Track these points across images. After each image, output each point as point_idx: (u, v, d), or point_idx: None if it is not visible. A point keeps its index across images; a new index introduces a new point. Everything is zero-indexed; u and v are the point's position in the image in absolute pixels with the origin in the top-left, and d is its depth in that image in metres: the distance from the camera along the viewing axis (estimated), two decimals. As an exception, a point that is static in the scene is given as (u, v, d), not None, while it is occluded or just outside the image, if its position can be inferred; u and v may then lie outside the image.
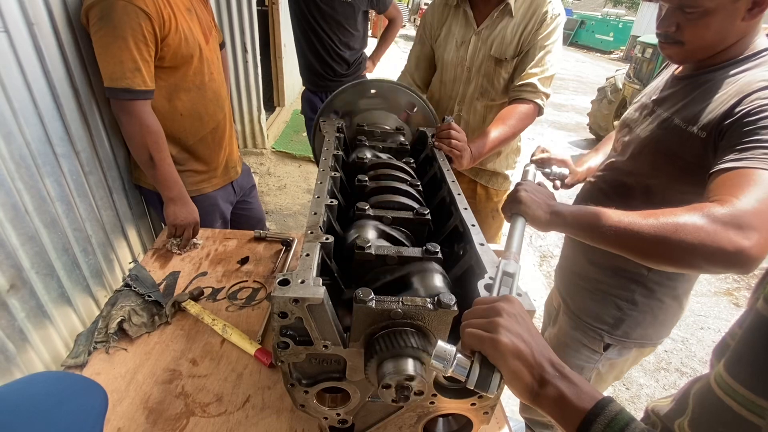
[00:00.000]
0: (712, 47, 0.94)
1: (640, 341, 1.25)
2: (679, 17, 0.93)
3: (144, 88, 1.27)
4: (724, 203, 0.75)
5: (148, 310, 1.19)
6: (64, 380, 0.62)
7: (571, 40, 19.24)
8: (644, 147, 1.07)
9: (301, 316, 0.63)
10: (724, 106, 0.88)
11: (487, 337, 0.55)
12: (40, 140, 1.18)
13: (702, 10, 0.88)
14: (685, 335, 2.80)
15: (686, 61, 1.02)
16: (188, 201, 1.48)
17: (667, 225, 0.77)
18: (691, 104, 0.97)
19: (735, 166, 0.79)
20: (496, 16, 1.49)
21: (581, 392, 0.51)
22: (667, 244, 0.77)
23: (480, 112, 1.66)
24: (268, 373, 1.07)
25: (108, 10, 1.17)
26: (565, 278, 1.38)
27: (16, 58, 1.09)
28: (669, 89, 1.08)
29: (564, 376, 0.53)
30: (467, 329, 0.58)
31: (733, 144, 0.82)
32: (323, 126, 1.30)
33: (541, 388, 0.53)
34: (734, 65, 0.93)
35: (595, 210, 0.88)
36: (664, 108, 1.06)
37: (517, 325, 0.56)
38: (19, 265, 1.10)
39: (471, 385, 0.54)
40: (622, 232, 0.82)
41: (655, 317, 1.20)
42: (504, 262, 0.71)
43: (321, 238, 0.77)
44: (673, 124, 0.99)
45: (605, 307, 1.23)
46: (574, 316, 1.32)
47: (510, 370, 0.54)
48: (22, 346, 1.12)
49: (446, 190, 1.04)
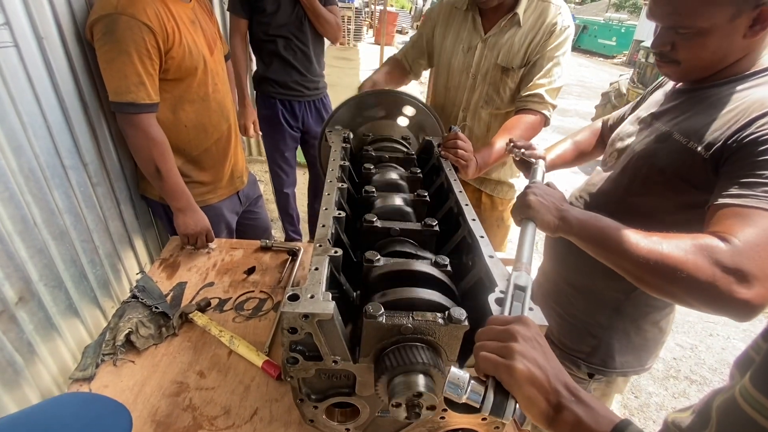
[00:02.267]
0: (711, 66, 0.88)
1: (621, 370, 1.18)
2: (673, 36, 0.87)
3: (149, 102, 1.28)
4: (726, 242, 0.71)
5: (156, 321, 1.19)
6: (92, 402, 0.64)
7: (574, 44, 19.24)
8: (638, 161, 0.99)
9: (311, 331, 0.63)
10: (731, 126, 0.81)
11: (502, 363, 0.54)
12: (49, 153, 1.19)
13: (695, 30, 0.83)
14: (694, 342, 2.77)
15: (685, 79, 0.96)
16: (197, 210, 1.49)
17: (669, 258, 0.73)
18: (693, 118, 0.90)
19: (736, 203, 0.74)
20: (504, 25, 1.49)
21: (598, 416, 0.51)
22: (666, 279, 0.74)
23: (485, 121, 1.66)
24: (275, 386, 1.06)
25: (112, 26, 1.18)
26: (542, 302, 1.31)
27: (25, 71, 1.10)
28: (669, 103, 1.02)
29: (580, 401, 0.52)
30: (481, 353, 0.57)
31: (738, 175, 0.77)
32: (329, 136, 1.31)
33: (557, 414, 0.52)
34: (741, 81, 0.87)
35: (600, 224, 0.85)
36: (663, 121, 0.99)
37: (532, 350, 0.55)
38: (28, 277, 1.10)
39: (486, 411, 0.54)
40: (622, 254, 0.79)
41: (631, 343, 1.14)
42: (515, 275, 0.71)
43: (330, 251, 0.77)
44: (672, 139, 0.92)
45: (580, 334, 1.18)
46: (551, 343, 1.25)
47: (525, 396, 0.53)
48: (30, 359, 1.12)
49: (453, 200, 1.04)
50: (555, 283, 1.24)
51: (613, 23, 17.33)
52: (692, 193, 0.88)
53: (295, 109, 2.38)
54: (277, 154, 2.52)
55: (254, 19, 2.16)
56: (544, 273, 1.34)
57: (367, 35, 15.53)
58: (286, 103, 2.36)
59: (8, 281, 1.05)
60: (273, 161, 2.56)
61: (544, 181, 1.11)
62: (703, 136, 0.85)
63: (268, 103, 2.36)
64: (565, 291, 1.20)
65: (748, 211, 0.72)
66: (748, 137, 0.77)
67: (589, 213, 0.91)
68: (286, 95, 2.34)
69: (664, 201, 0.95)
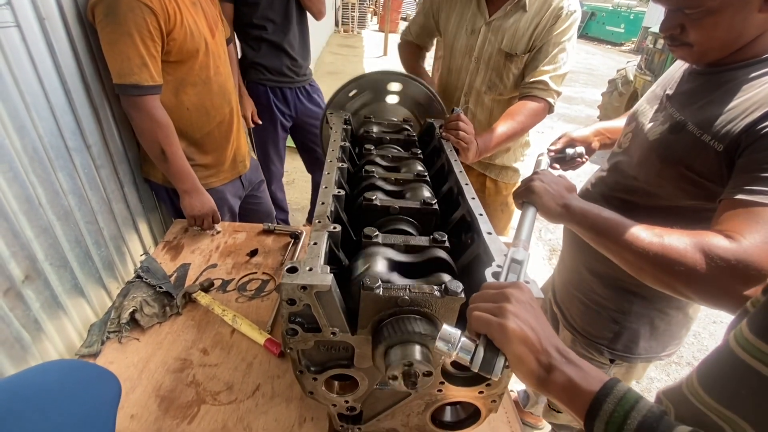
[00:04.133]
0: (728, 46, 0.82)
1: (644, 356, 1.17)
2: (681, 18, 0.82)
3: (152, 83, 1.29)
4: (731, 240, 0.69)
5: (160, 300, 1.21)
6: (77, 369, 0.62)
7: (582, 32, 18.94)
8: (651, 152, 0.96)
9: (309, 302, 0.64)
10: (745, 118, 0.77)
11: (494, 321, 0.55)
12: (52, 134, 1.19)
13: (704, 9, 0.78)
14: (697, 329, 2.77)
15: (701, 61, 0.90)
16: (202, 191, 1.50)
17: (670, 251, 0.73)
18: (708, 107, 0.86)
19: (748, 199, 0.72)
20: (509, 9, 1.46)
21: (588, 375, 0.52)
22: (666, 271, 0.74)
23: (488, 106, 1.64)
24: (277, 363, 1.08)
25: (113, 7, 1.18)
26: (563, 290, 1.32)
27: (28, 52, 1.10)
28: (685, 84, 0.97)
29: (570, 361, 0.54)
30: (474, 312, 0.58)
31: (751, 169, 0.74)
32: (331, 119, 1.31)
33: (548, 374, 0.53)
34: (760, 65, 0.81)
35: (603, 214, 0.85)
36: (677, 107, 0.94)
37: (525, 311, 0.56)
38: (34, 256, 1.12)
39: (475, 367, 0.55)
40: (623, 244, 0.79)
41: (655, 328, 1.13)
42: (513, 250, 0.71)
43: (329, 227, 0.78)
44: (686, 130, 0.88)
45: (602, 320, 1.18)
46: (573, 330, 1.27)
47: (516, 354, 0.54)
48: (37, 336, 1.14)
49: (453, 180, 1.04)
50: (576, 270, 1.24)
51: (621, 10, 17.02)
52: (707, 186, 0.85)
53: (287, 96, 2.31)
54: (271, 146, 2.42)
55: (240, 3, 2.07)
56: (563, 261, 1.34)
57: (372, 22, 15.36)
58: (277, 91, 2.28)
59: (14, 259, 1.06)
60: (265, 154, 2.45)
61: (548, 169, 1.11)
62: (717, 128, 0.81)
63: (258, 91, 2.26)
64: (586, 278, 1.19)
65: (758, 209, 0.70)
66: (762, 130, 0.74)
67: (592, 204, 0.91)
68: (278, 82, 2.26)
69: (678, 192, 0.92)
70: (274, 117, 2.32)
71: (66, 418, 0.53)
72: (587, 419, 0.49)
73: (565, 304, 1.30)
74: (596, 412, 0.49)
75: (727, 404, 0.49)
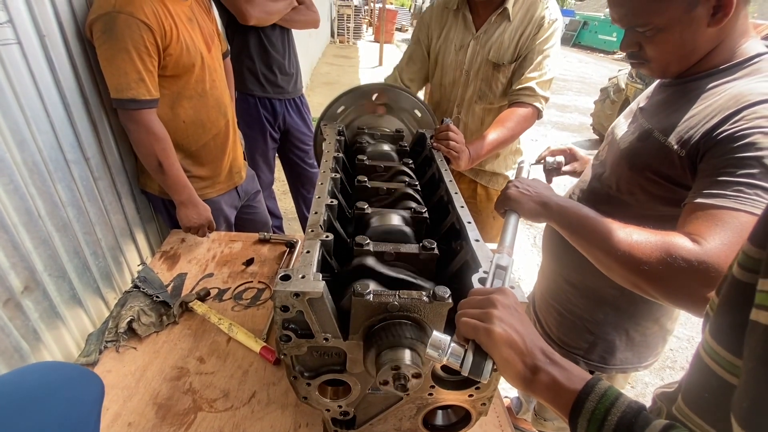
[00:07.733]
0: (684, 59, 0.87)
1: (620, 367, 1.17)
2: (637, 36, 0.88)
3: (149, 98, 1.32)
4: (695, 242, 0.71)
5: (157, 310, 1.23)
6: (57, 370, 0.63)
7: (574, 41, 19.21)
8: (621, 159, 0.99)
9: (302, 309, 0.66)
10: (705, 124, 0.80)
11: (481, 327, 0.58)
12: (52, 147, 1.22)
13: (654, 27, 0.83)
14: (690, 333, 2.79)
15: (663, 75, 0.95)
16: (198, 202, 1.52)
17: (636, 250, 0.75)
18: (673, 115, 0.89)
19: (708, 203, 0.73)
20: (494, 20, 1.52)
21: (572, 375, 0.54)
22: (632, 270, 0.75)
23: (478, 115, 1.69)
24: (272, 370, 1.10)
25: (110, 24, 1.21)
26: (541, 299, 1.34)
27: (28, 68, 1.13)
28: (656, 96, 1.02)
29: (554, 362, 0.56)
30: (462, 318, 0.61)
31: (711, 173, 0.76)
32: (324, 129, 1.34)
33: (534, 375, 0.55)
34: (721, 74, 0.85)
35: (581, 211, 0.88)
36: (646, 117, 0.98)
37: (510, 316, 0.59)
38: (33, 267, 1.14)
39: (465, 371, 0.57)
40: (595, 241, 0.81)
41: (631, 339, 1.13)
42: (497, 256, 0.74)
43: (321, 235, 0.80)
44: (652, 137, 0.91)
45: (578, 330, 1.19)
46: (549, 340, 1.27)
47: (502, 358, 0.56)
48: (35, 346, 1.16)
49: (444, 189, 1.07)
50: (553, 280, 1.26)
51: (613, 19, 17.26)
52: (676, 190, 0.87)
53: (276, 108, 2.31)
54: (260, 155, 2.40)
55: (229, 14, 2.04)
56: (542, 271, 1.36)
57: (367, 33, 15.53)
58: (266, 102, 2.26)
59: (14, 270, 1.08)
60: (254, 163, 2.41)
61: (530, 176, 1.14)
62: (679, 133, 0.85)
63: (246, 103, 2.24)
64: (562, 288, 1.21)
65: (718, 212, 0.72)
66: (721, 134, 0.76)
67: (571, 201, 0.94)
68: (267, 94, 2.25)
69: (650, 198, 0.94)
70: (264, 129, 2.33)
71: (46, 417, 0.54)
72: (571, 417, 0.52)
73: (543, 313, 1.32)
74: (579, 410, 0.51)
75: (695, 409, 0.51)
